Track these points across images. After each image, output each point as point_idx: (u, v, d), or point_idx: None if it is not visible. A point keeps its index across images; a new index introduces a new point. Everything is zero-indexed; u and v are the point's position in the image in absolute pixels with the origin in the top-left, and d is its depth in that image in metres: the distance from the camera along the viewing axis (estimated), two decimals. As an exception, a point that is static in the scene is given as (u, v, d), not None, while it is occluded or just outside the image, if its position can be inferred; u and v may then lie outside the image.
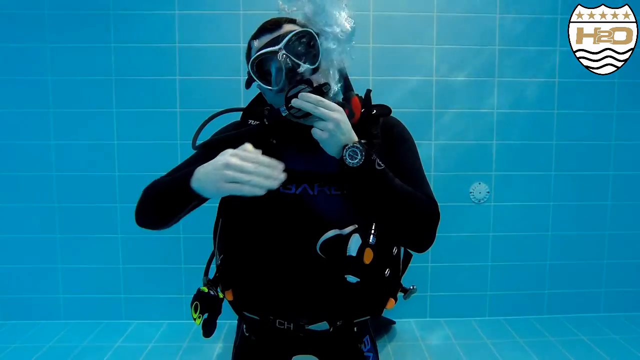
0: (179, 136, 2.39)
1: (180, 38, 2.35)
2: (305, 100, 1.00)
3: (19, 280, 2.46)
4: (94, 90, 2.36)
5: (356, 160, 1.00)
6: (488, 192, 2.46)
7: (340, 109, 1.02)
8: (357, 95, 1.18)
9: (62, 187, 2.41)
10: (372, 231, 1.05)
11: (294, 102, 1.01)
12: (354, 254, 1.03)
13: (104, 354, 2.13)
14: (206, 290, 1.21)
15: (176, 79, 2.37)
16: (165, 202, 1.09)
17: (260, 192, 0.92)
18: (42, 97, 2.36)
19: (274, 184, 0.93)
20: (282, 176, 0.94)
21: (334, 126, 0.99)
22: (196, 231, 2.37)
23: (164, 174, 1.26)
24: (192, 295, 1.22)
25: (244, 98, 2.23)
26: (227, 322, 2.30)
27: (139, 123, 2.38)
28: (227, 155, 0.93)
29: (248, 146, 0.95)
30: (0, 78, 2.35)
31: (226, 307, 1.26)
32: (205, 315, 1.20)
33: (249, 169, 0.91)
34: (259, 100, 1.28)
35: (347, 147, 1.01)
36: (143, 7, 2.33)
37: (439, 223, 1.14)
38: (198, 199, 1.03)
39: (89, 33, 2.33)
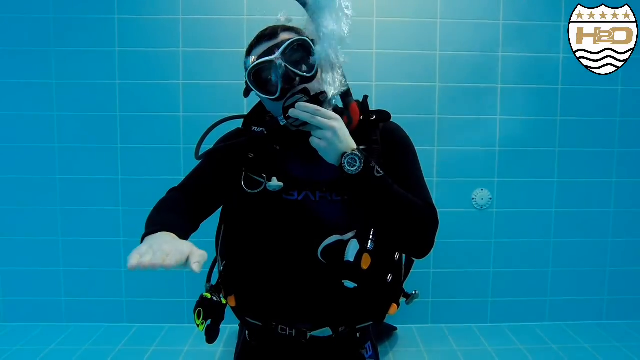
0: (182, 140, 2.39)
1: (184, 42, 2.36)
2: (302, 110, 1.00)
3: (21, 283, 2.46)
4: (98, 94, 2.37)
5: (355, 168, 1.00)
6: (490, 199, 2.46)
7: (338, 117, 1.03)
8: (355, 101, 1.19)
9: (65, 190, 2.42)
10: (371, 237, 1.05)
11: (291, 112, 1.01)
12: (351, 259, 1.04)
13: (106, 357, 2.13)
14: (209, 296, 1.21)
15: (180, 83, 2.37)
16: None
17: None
18: (46, 100, 2.37)
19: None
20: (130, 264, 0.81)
21: (332, 135, 1.00)
22: (198, 235, 2.35)
23: (167, 177, 1.26)
24: (195, 301, 1.22)
25: (248, 103, 2.23)
26: (229, 327, 2.30)
27: (143, 127, 2.39)
28: (172, 249, 0.85)
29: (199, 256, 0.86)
30: (4, 81, 2.37)
31: (228, 311, 1.26)
32: (209, 322, 1.20)
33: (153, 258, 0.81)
34: (260, 106, 1.28)
35: (345, 155, 1.01)
36: (147, 11, 2.34)
37: (441, 229, 1.14)
38: None
39: (93, 37, 2.35)
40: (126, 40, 2.35)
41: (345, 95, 1.15)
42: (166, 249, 0.83)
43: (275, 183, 1.09)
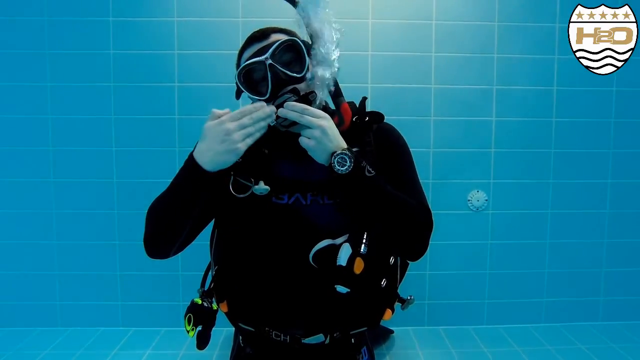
0: (178, 143, 2.38)
1: (179, 45, 2.35)
2: (291, 109, 1.00)
3: (15, 287, 2.44)
4: (93, 96, 2.36)
5: (345, 167, 1.00)
6: (486, 200, 2.46)
7: (327, 115, 1.02)
8: (348, 102, 1.18)
9: (60, 193, 2.41)
10: (364, 240, 1.04)
11: (280, 111, 1.01)
12: (343, 263, 1.02)
13: (101, 361, 2.12)
14: (200, 302, 1.20)
15: (175, 85, 2.37)
16: (176, 205, 1.05)
17: (265, 129, 1.02)
18: (41, 103, 2.36)
19: (272, 117, 1.01)
20: (273, 108, 1.01)
21: (321, 133, 0.99)
22: (194, 238, 2.36)
23: (162, 180, 1.25)
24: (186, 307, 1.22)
25: (243, 105, 2.23)
26: (224, 330, 2.29)
27: (138, 129, 2.38)
28: (219, 126, 0.99)
29: (217, 111, 1.03)
30: (-1, 84, 2.36)
31: (223, 314, 1.26)
32: (199, 328, 1.20)
33: (247, 122, 0.98)
34: None
35: (335, 154, 1.00)
36: (142, 14, 2.33)
37: (437, 230, 1.13)
38: (212, 182, 1.02)
39: (88, 39, 2.34)
40: (121, 42, 2.34)
41: (336, 95, 1.14)
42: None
43: (261, 187, 1.08)
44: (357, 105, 1.21)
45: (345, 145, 1.02)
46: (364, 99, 1.22)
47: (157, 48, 2.35)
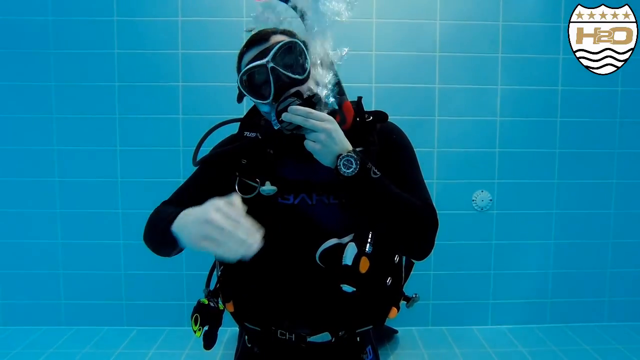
0: (182, 142, 2.39)
1: (183, 44, 2.35)
2: (295, 114, 0.99)
3: (21, 286, 2.46)
4: (97, 96, 2.37)
5: (351, 170, 0.99)
6: (491, 200, 2.45)
7: (332, 118, 1.02)
8: (351, 102, 1.18)
9: (65, 193, 2.42)
10: (369, 240, 1.04)
11: (284, 116, 1.00)
12: (349, 263, 1.02)
13: (105, 360, 2.13)
14: (206, 302, 1.20)
15: (179, 85, 2.37)
16: (157, 239, 1.09)
17: (233, 258, 0.83)
18: (45, 102, 2.37)
19: (248, 252, 0.83)
20: (257, 245, 0.85)
21: (326, 136, 0.99)
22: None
23: (166, 179, 1.25)
24: (193, 306, 1.22)
25: (247, 105, 2.23)
26: (229, 329, 2.29)
27: (142, 129, 2.39)
28: (212, 209, 0.84)
29: (236, 200, 0.87)
30: (4, 84, 2.36)
31: (228, 314, 1.26)
32: (206, 328, 1.20)
33: (229, 229, 0.82)
34: (256, 109, 1.27)
35: (341, 157, 1.00)
36: (146, 13, 2.34)
37: (442, 231, 1.13)
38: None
39: (92, 39, 2.34)
40: (125, 42, 2.35)
41: (338, 94, 1.14)
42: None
43: (268, 187, 1.08)
44: (355, 105, 1.20)
45: (350, 147, 1.02)
46: (360, 98, 1.21)
47: (161, 47, 2.35)
